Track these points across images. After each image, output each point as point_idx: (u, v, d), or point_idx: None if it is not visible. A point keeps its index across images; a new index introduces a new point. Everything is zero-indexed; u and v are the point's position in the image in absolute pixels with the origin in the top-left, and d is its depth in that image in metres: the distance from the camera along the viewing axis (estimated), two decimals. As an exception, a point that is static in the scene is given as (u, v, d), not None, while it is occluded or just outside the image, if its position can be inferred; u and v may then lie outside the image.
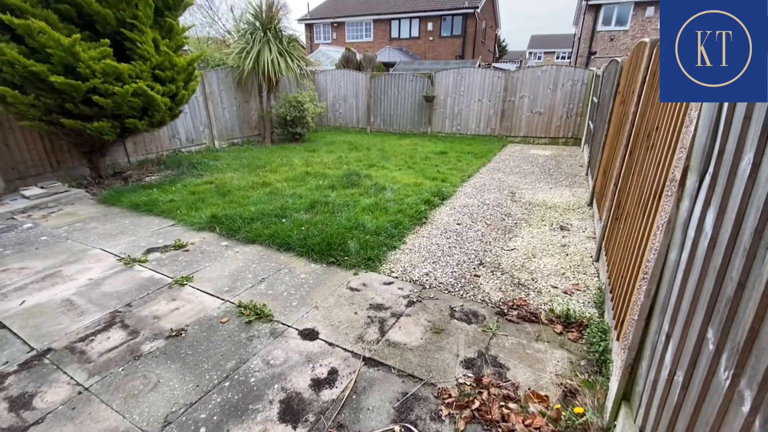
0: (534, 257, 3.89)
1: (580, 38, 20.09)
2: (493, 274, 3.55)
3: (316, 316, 2.93)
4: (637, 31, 18.28)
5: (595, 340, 2.55)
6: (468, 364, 2.43)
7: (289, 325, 2.82)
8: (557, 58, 47.24)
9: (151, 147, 8.02)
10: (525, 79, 10.44)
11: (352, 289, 3.30)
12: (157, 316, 2.94)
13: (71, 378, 2.32)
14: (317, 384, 2.27)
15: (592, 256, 3.89)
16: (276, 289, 3.30)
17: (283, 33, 9.59)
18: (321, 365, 2.42)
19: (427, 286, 3.35)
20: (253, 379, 2.31)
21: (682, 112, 1.75)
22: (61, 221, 4.93)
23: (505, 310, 2.98)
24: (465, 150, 9.29)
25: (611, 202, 3.54)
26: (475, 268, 3.67)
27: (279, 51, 9.30)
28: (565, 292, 3.25)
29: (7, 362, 2.46)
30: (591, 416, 1.98)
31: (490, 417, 2.03)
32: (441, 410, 2.09)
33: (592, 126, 7.57)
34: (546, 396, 2.17)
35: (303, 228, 4.34)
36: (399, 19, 23.76)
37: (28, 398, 2.18)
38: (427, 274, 3.55)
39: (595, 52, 19.15)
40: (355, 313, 2.96)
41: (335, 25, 25.70)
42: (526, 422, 1.99)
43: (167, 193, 5.78)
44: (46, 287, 3.35)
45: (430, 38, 23.29)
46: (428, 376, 2.32)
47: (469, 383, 2.26)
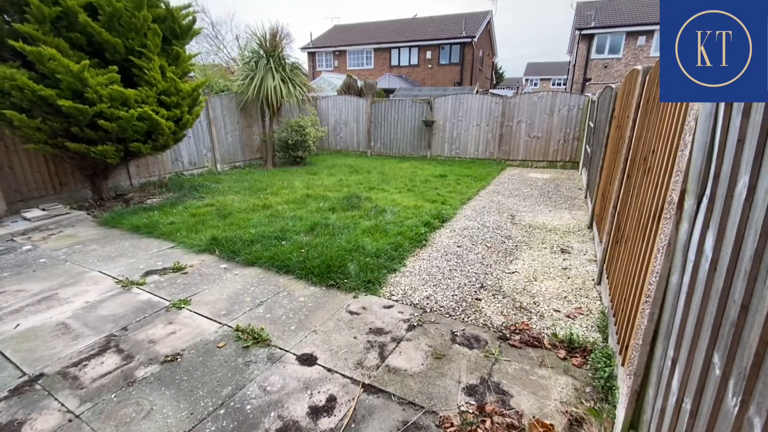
0: (535, 280, 3.86)
1: (574, 66, 20.68)
2: (495, 298, 3.52)
3: (314, 340, 2.88)
4: (630, 59, 18.85)
5: (599, 366, 2.49)
6: (470, 390, 2.37)
7: (287, 350, 2.76)
8: (553, 85, 48.45)
9: (153, 170, 8.11)
10: (522, 105, 10.68)
11: (352, 313, 3.25)
12: (153, 340, 2.88)
13: (62, 405, 2.25)
14: (315, 412, 2.21)
15: (593, 279, 3.85)
16: (274, 313, 3.26)
17: (286, 60, 9.89)
18: (319, 392, 2.36)
19: (428, 310, 3.31)
20: (249, 407, 2.24)
21: (677, 136, 1.78)
22: (61, 243, 4.92)
23: (508, 335, 2.93)
24: (464, 173, 9.38)
25: (611, 225, 3.54)
26: (476, 292, 3.63)
27: (282, 78, 9.56)
28: (568, 316, 3.20)
29: (-3, 388, 2.39)
30: (598, 446, 1.91)
31: (494, 447, 1.96)
32: (443, 440, 2.02)
33: (589, 150, 7.68)
34: (551, 425, 2.10)
35: (303, 250, 4.32)
36: (399, 48, 24.54)
37: (17, 426, 2.11)
38: (428, 298, 3.51)
39: (590, 79, 19.67)
40: (355, 338, 2.91)
41: (337, 53, 26.52)
42: (531, 453, 1.92)
43: (168, 215, 5.80)
44: (42, 310, 3.30)
45: (429, 66, 23.97)
46: (429, 404, 2.26)
47: (471, 411, 2.20)
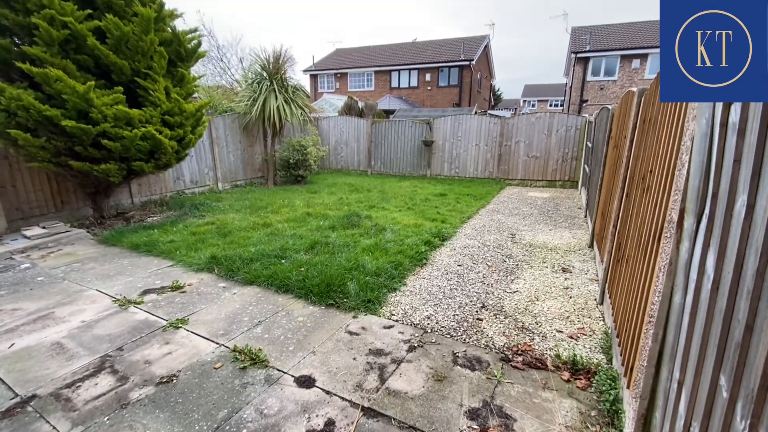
0: (537, 300, 3.82)
1: (571, 87, 21.11)
2: (496, 318, 3.47)
3: (313, 361, 2.82)
4: (625, 81, 19.27)
5: (604, 388, 2.44)
6: (472, 414, 2.31)
7: (284, 372, 2.71)
8: (550, 106, 49.31)
9: (155, 188, 8.16)
10: (520, 125, 10.84)
11: (351, 333, 3.21)
12: (149, 360, 2.83)
13: (53, 428, 2.19)
14: (313, 436, 2.14)
15: (595, 299, 3.82)
16: (272, 333, 3.21)
17: (289, 82, 10.11)
18: (317, 415, 2.29)
19: (429, 330, 3.26)
20: (245, 431, 2.18)
21: (674, 156, 1.80)
22: (59, 261, 4.90)
23: (510, 356, 2.88)
24: (464, 192, 9.43)
25: (611, 244, 3.53)
26: (477, 311, 3.59)
27: (284, 99, 9.74)
28: (571, 337, 3.16)
29: (-13, 411, 2.34)
30: (605, 473, 1.85)
31: (498, 474, 1.90)
32: (445, 466, 1.95)
33: (587, 169, 7.75)
34: (556, 450, 2.03)
35: (302, 269, 4.30)
36: (399, 71, 25.12)
37: (5, 451, 2.04)
38: (429, 318, 3.47)
39: (587, 100, 20.04)
40: (354, 359, 2.85)
41: (338, 75, 27.12)
42: (537, 480, 1.86)
43: (168, 233, 5.80)
44: (37, 329, 3.26)
45: (429, 87, 24.48)
46: (431, 428, 2.20)
47: (473, 436, 2.13)
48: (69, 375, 2.67)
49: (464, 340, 3.12)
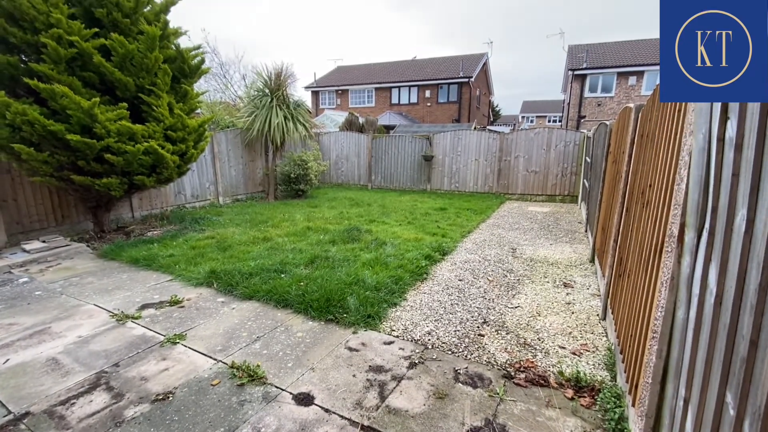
0: (539, 315, 3.78)
1: (569, 104, 21.39)
2: (498, 334, 3.43)
3: (312, 378, 2.78)
4: (622, 98, 19.53)
5: (609, 406, 2.39)
6: (474, 433, 2.25)
7: (283, 389, 2.66)
8: (549, 122, 49.85)
9: (156, 202, 8.18)
10: (519, 141, 10.94)
11: (351, 349, 3.16)
12: (145, 377, 2.79)
13: (45, 447, 2.14)
14: (311, 456, 2.09)
15: (598, 315, 3.78)
16: (271, 349, 3.16)
17: (290, 99, 10.26)
18: (316, 434, 2.24)
19: (430, 346, 3.22)
20: (241, 450, 2.12)
21: (673, 170, 1.81)
22: (58, 275, 4.87)
23: (512, 373, 2.83)
24: (464, 206, 9.45)
25: (613, 259, 3.52)
26: (478, 327, 3.54)
27: (285, 115, 9.87)
28: (574, 353, 3.11)
29: (-21, 429, 2.29)
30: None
31: (501, 496, 1.84)
32: (446, 488, 1.90)
33: (587, 184, 7.78)
34: (561, 471, 1.98)
35: (302, 283, 4.27)
36: (399, 87, 25.51)
37: (-5, 471, 1.99)
38: (429, 333, 3.43)
39: (585, 116, 20.28)
40: (354, 376, 2.81)
41: (339, 92, 27.53)
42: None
43: (168, 247, 5.78)
44: (33, 345, 3.21)
45: (428, 104, 24.81)
46: (432, 448, 2.14)
47: (476, 456, 2.08)
48: (63, 392, 2.62)
49: (466, 356, 3.07)
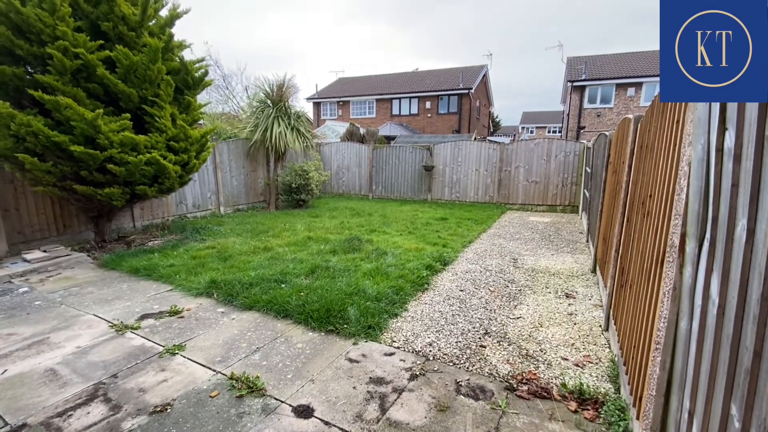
0: (541, 326, 3.75)
1: (568, 115, 21.55)
2: (500, 345, 3.40)
3: (311, 390, 2.75)
4: (621, 109, 19.68)
5: (613, 420, 2.36)
6: (476, 446, 2.22)
7: (282, 401, 2.63)
8: (549, 132, 50.15)
9: (157, 212, 8.20)
10: (519, 151, 10.99)
11: (351, 361, 3.13)
12: (143, 388, 2.76)
13: (41, 461, 2.11)
14: (311, 470, 2.05)
15: (600, 325, 3.75)
16: (271, 360, 3.14)
17: (292, 110, 10.36)
18: (315, 447, 2.21)
19: (431, 358, 3.19)
20: (240, 464, 2.09)
21: (673, 181, 1.82)
22: (58, 285, 4.86)
23: (515, 385, 2.80)
24: (465, 216, 9.45)
25: (614, 269, 3.51)
26: (480, 338, 3.51)
27: (287, 125, 9.95)
28: (577, 365, 3.08)
29: (-26, 441, 2.26)
30: None
31: None
32: (448, 503, 1.86)
33: (587, 194, 7.79)
34: (565, 486, 1.94)
35: (302, 294, 4.25)
36: (399, 99, 25.76)
37: (-11, 485, 1.96)
38: (431, 345, 3.40)
39: (584, 127, 20.40)
40: (354, 388, 2.77)
41: (341, 103, 27.79)
42: None
43: (168, 257, 5.78)
44: (32, 355, 3.19)
45: (429, 115, 25.02)
46: (433, 461, 2.11)
47: (478, 470, 2.04)
48: (61, 403, 2.59)
49: (467, 368, 3.04)
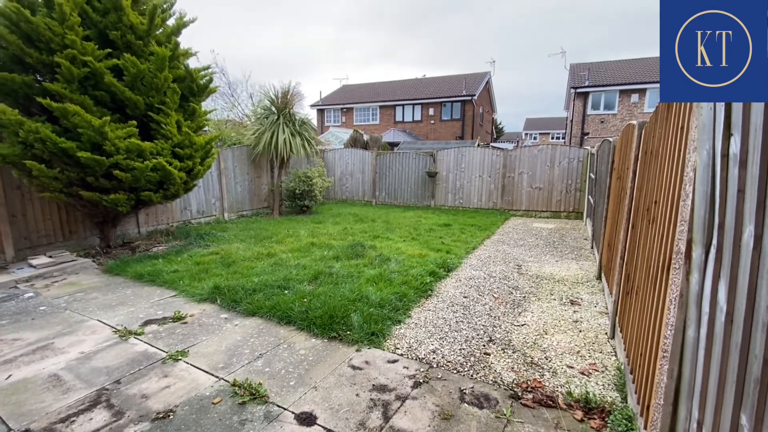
0: (546, 334, 3.71)
1: (572, 121, 21.54)
2: (504, 352, 3.36)
3: (314, 397, 2.73)
4: (625, 115, 19.65)
5: (620, 429, 2.32)
6: (481, 456, 2.19)
7: (285, 408, 2.61)
8: (552, 139, 50.10)
9: (162, 218, 8.25)
10: (523, 157, 10.98)
11: (354, 368, 3.11)
12: (146, 395, 2.75)
13: (43, 467, 2.10)
14: (313, 478, 2.03)
15: (606, 333, 3.70)
16: (273, 367, 3.12)
17: (296, 116, 10.43)
18: (318, 455, 2.19)
19: (435, 365, 3.16)
20: (242, 472, 2.07)
21: (678, 187, 1.80)
22: (63, 291, 4.88)
23: (519, 393, 2.76)
24: (468, 222, 9.42)
25: (620, 276, 3.47)
26: (484, 345, 3.48)
27: (291, 132, 10.02)
28: (582, 373, 3.04)
29: (-23, 447, 2.26)
30: None
31: None
32: None
33: (592, 200, 7.75)
34: (572, 497, 1.91)
35: (305, 300, 4.24)
36: (403, 105, 25.90)
37: (-9, 491, 1.95)
38: (434, 352, 3.37)
39: (588, 133, 20.38)
40: (357, 395, 2.75)
41: (344, 110, 27.98)
42: None
43: (172, 263, 5.80)
44: (36, 360, 3.20)
45: (432, 121, 25.11)
46: (437, 471, 2.08)
47: (483, 480, 2.01)
48: (64, 409, 2.59)
49: (471, 375, 3.01)
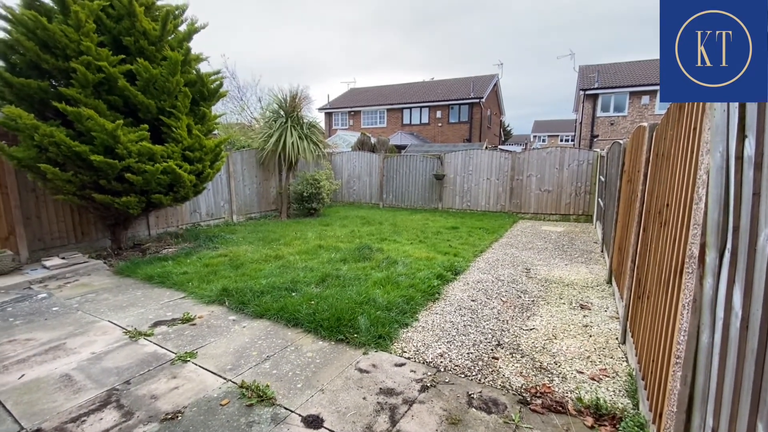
0: (555, 338, 3.67)
1: (581, 123, 21.35)
2: (513, 357, 3.33)
3: (321, 400, 2.73)
4: (635, 117, 19.41)
5: (631, 437, 2.27)
6: (489, 461, 2.16)
7: (292, 410, 2.61)
8: (561, 141, 49.70)
9: (172, 220, 8.35)
10: (531, 160, 10.91)
11: (361, 371, 3.10)
12: (155, 395, 2.78)
13: (54, 466, 2.13)
14: (320, 482, 2.03)
15: (617, 338, 3.64)
16: (281, 369, 3.13)
17: (304, 120, 10.50)
18: (325, 458, 2.18)
19: (442, 369, 3.14)
20: (249, 474, 2.08)
21: (691, 190, 1.77)
22: (75, 292, 4.96)
23: (528, 398, 2.73)
24: (476, 225, 9.37)
25: (631, 280, 3.42)
26: (492, 350, 3.45)
27: (299, 135, 10.08)
28: (593, 378, 2.99)
29: (-9, 445, 2.30)
30: None
31: None
32: None
33: (602, 203, 7.66)
34: (582, 506, 1.87)
35: (313, 302, 4.25)
36: (410, 108, 25.92)
37: (4, 489, 1.98)
38: (442, 355, 3.35)
39: (597, 135, 20.16)
40: (364, 399, 2.74)
41: (352, 113, 28.10)
42: None
43: (181, 265, 5.86)
44: (48, 360, 3.25)
45: (439, 124, 25.09)
46: (444, 476, 2.06)
47: (491, 486, 1.99)
48: (75, 409, 2.62)
49: (479, 380, 2.98)
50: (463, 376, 3.04)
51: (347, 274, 5.20)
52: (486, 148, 14.46)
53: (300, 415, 2.56)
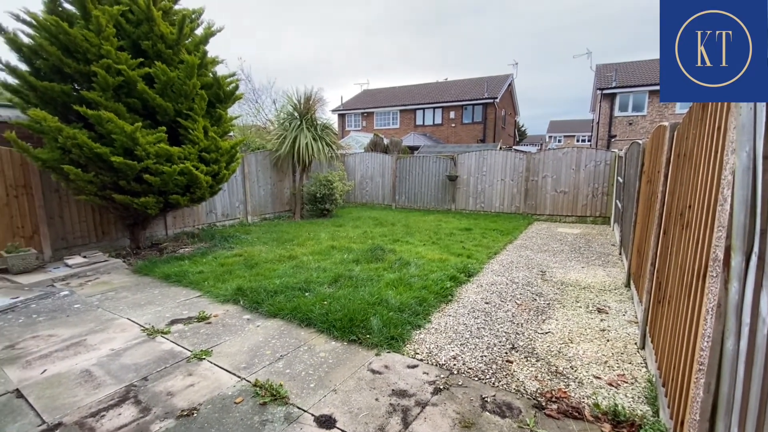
0: (571, 342, 3.59)
1: (598, 123, 20.92)
2: (528, 360, 3.28)
3: (334, 400, 2.73)
4: (655, 116, 18.92)
5: (651, 445, 2.21)
6: (503, 467, 2.13)
7: (305, 410, 2.62)
8: (577, 141, 48.81)
9: (188, 221, 8.52)
10: (547, 161, 10.74)
11: (374, 372, 3.10)
12: (171, 392, 2.83)
13: (74, 459, 2.19)
14: (332, 482, 2.03)
15: (636, 343, 3.55)
16: (294, 368, 3.15)
17: (318, 121, 10.58)
18: (337, 459, 2.18)
19: (455, 372, 3.11)
20: (262, 472, 2.09)
21: (715, 190, 1.71)
22: (96, 290, 5.10)
23: (543, 403, 2.68)
24: (490, 227, 9.28)
25: (650, 284, 3.33)
26: (507, 353, 3.40)
27: (313, 136, 10.16)
28: (610, 384, 2.92)
29: (16, 437, 2.37)
30: None
31: None
32: None
33: (620, 205, 7.49)
34: None
35: (326, 302, 4.27)
36: (423, 109, 25.84)
37: (27, 480, 2.04)
38: (455, 358, 3.32)
39: (615, 135, 19.73)
40: (376, 400, 2.74)
41: (365, 114, 28.17)
42: None
43: (198, 264, 5.96)
44: (69, 356, 3.35)
45: (453, 125, 24.93)
46: (457, 480, 2.03)
47: (505, 492, 1.96)
48: (95, 404, 2.69)
49: (493, 383, 2.94)
50: (476, 379, 3.00)
51: (360, 275, 5.20)
52: (500, 148, 14.32)
53: (313, 415, 2.57)
